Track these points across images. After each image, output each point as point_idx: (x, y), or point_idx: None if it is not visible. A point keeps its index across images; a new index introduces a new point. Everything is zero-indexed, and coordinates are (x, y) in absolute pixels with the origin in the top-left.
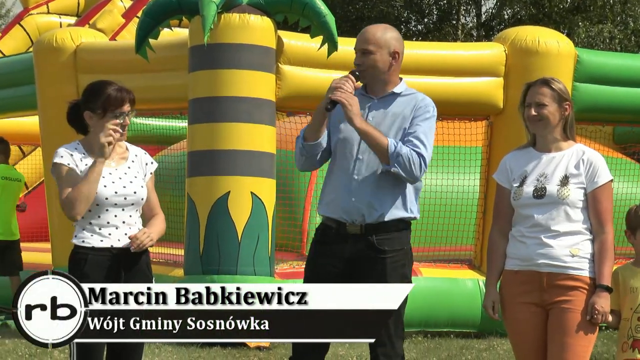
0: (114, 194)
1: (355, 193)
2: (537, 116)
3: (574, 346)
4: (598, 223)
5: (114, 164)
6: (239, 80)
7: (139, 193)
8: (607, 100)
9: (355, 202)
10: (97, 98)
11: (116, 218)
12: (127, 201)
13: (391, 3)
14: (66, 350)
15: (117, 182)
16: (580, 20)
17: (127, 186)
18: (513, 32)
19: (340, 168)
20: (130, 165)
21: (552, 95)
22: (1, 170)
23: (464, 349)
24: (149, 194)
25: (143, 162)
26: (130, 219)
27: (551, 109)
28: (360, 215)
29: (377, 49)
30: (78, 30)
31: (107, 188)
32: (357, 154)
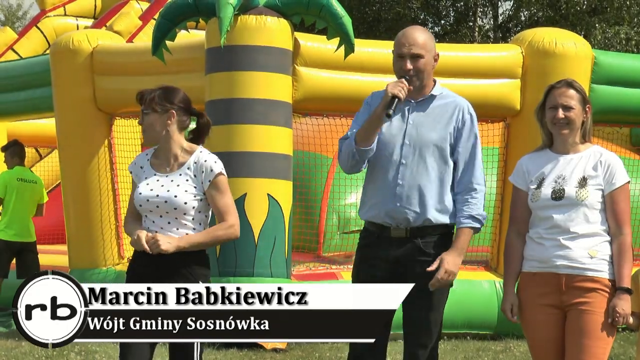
0: (145, 201)
1: (400, 198)
2: (565, 119)
3: (593, 348)
4: (616, 225)
5: (170, 170)
6: (256, 82)
7: (177, 200)
8: (624, 102)
9: (400, 207)
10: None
11: (154, 224)
12: (160, 209)
13: (408, 5)
14: (82, 351)
15: (155, 189)
16: (597, 22)
17: (162, 193)
18: (530, 34)
19: (384, 172)
20: (182, 173)
21: (578, 98)
22: (16, 172)
23: (481, 350)
24: (214, 200)
25: (200, 169)
26: (168, 225)
27: (577, 112)
28: (405, 220)
29: (425, 53)
30: (95, 32)
31: (141, 195)
32: (400, 159)
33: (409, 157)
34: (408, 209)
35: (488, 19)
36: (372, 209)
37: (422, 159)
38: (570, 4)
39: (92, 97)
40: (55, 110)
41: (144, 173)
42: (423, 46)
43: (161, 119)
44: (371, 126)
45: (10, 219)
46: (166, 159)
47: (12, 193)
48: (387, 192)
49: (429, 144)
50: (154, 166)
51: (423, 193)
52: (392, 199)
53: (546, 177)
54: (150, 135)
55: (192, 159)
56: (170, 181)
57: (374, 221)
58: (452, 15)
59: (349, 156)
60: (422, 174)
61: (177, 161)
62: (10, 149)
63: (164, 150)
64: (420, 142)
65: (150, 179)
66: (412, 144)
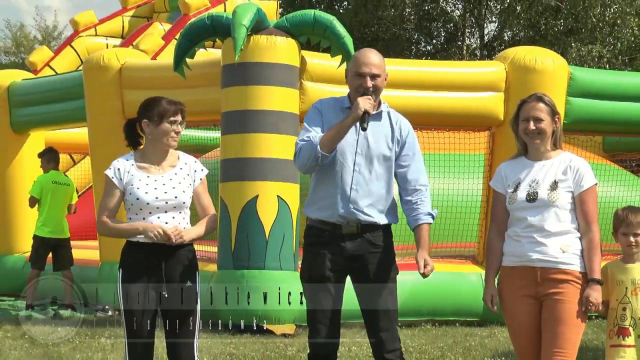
0: (154, 199)
1: (354, 202)
2: (536, 130)
3: (566, 333)
4: (585, 223)
5: (162, 170)
6: (267, 95)
7: (180, 197)
8: (597, 113)
9: (354, 210)
10: (154, 107)
11: (159, 219)
12: (168, 205)
13: (403, 26)
14: (112, 336)
15: (159, 188)
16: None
17: (168, 191)
18: (512, 52)
19: (338, 177)
20: (177, 172)
21: (547, 110)
22: (52, 175)
23: (468, 335)
24: (201, 197)
25: (192, 169)
26: (173, 220)
27: (547, 123)
28: (357, 220)
29: (382, 73)
30: (123, 50)
31: (148, 194)
32: (354, 166)
33: (361, 165)
34: (360, 212)
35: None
36: (325, 209)
37: (373, 167)
38: (548, 25)
39: (120, 108)
40: (88, 120)
41: (133, 177)
42: (379, 67)
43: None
44: (338, 135)
45: (46, 218)
46: (157, 161)
47: (47, 194)
48: (341, 195)
49: (379, 154)
50: (142, 169)
51: (373, 199)
52: (346, 203)
53: (521, 182)
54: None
55: (180, 161)
56: (169, 180)
57: (327, 220)
58: (442, 35)
59: (309, 159)
60: (373, 181)
61: (167, 163)
62: (46, 155)
63: (157, 153)
64: (371, 152)
65: (145, 180)
66: (364, 153)
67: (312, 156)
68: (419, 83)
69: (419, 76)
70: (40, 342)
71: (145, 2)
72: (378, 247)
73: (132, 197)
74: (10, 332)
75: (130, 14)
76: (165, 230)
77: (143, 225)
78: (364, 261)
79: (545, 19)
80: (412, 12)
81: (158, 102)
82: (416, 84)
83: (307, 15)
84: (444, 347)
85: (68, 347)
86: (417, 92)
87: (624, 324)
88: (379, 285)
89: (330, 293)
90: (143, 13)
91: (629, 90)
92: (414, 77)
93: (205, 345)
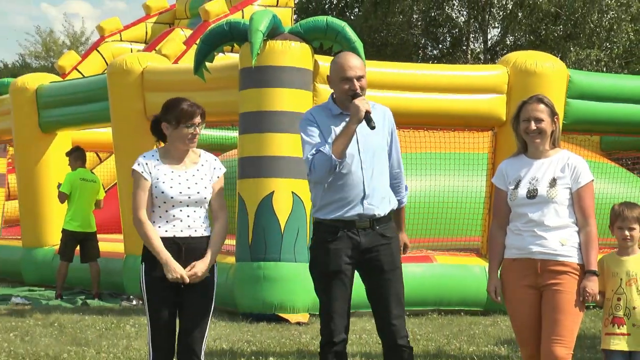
0: (178, 193)
1: (368, 198)
2: (537, 129)
3: (564, 321)
4: (583, 217)
5: (185, 167)
6: (282, 97)
7: (202, 193)
8: (595, 114)
9: (369, 206)
10: (172, 111)
11: (181, 212)
12: (190, 199)
13: (411, 31)
14: (136, 324)
15: (183, 184)
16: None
17: (191, 187)
18: (514, 56)
19: (349, 176)
20: (199, 169)
21: (547, 111)
22: (79, 173)
23: (472, 324)
24: (214, 196)
25: (212, 167)
26: (194, 214)
27: (547, 123)
28: (372, 215)
29: (364, 74)
30: (145, 55)
31: (172, 189)
32: (361, 164)
33: (367, 162)
34: (374, 206)
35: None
36: (339, 209)
37: (375, 160)
38: (548, 30)
39: (142, 109)
40: (112, 120)
41: (159, 171)
42: (362, 68)
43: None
44: (348, 141)
45: (74, 213)
46: (179, 158)
47: (75, 191)
48: (356, 194)
49: (378, 147)
50: (166, 165)
51: (381, 191)
52: (361, 200)
53: (522, 179)
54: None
55: (201, 159)
56: (192, 176)
57: (343, 218)
58: (448, 40)
59: (326, 169)
60: (379, 174)
61: (189, 160)
62: (74, 153)
63: (178, 151)
64: (373, 147)
65: (170, 175)
66: (367, 150)
67: (329, 166)
68: (425, 86)
69: (426, 79)
70: (69, 330)
71: (167, 10)
72: (388, 238)
73: (157, 191)
74: (40, 320)
75: (153, 20)
76: (183, 275)
77: (166, 260)
78: (376, 253)
79: (545, 24)
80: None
81: (176, 106)
82: (423, 87)
83: (320, 21)
84: (449, 335)
85: (95, 334)
86: (424, 94)
87: (619, 313)
88: (390, 275)
89: (345, 286)
90: (165, 20)
91: (625, 92)
92: (420, 80)
93: (224, 333)
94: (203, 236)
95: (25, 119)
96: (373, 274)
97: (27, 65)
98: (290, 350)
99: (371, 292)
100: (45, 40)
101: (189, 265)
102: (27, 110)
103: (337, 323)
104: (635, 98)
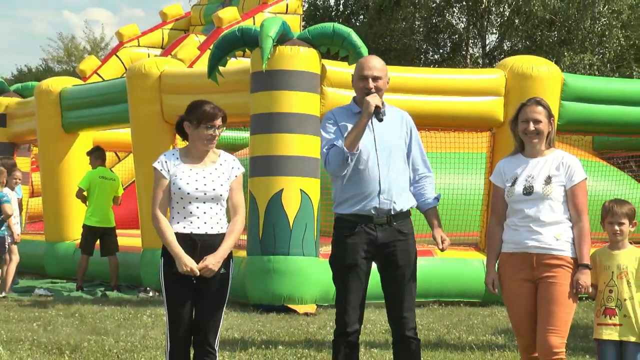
0: (195, 189)
1: (384, 192)
2: (535, 130)
3: (559, 312)
4: (576, 213)
5: (204, 165)
6: (291, 99)
7: (218, 190)
8: (588, 115)
9: (385, 201)
10: (195, 112)
11: (198, 209)
12: (206, 196)
13: (413, 37)
14: (153, 314)
15: (199, 180)
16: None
17: (207, 184)
18: (511, 61)
19: (365, 172)
20: (217, 167)
21: (544, 113)
22: (99, 171)
23: (471, 315)
24: (233, 193)
25: (230, 166)
26: (211, 210)
27: (544, 124)
28: (387, 210)
29: (383, 76)
30: (162, 59)
31: (189, 185)
32: (377, 160)
33: (383, 159)
34: (391, 202)
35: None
36: (357, 204)
37: (392, 159)
38: (543, 36)
39: (159, 111)
40: (131, 122)
41: (177, 168)
42: (380, 70)
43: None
44: (359, 133)
45: (94, 209)
46: (199, 157)
47: (95, 188)
48: (372, 190)
49: (395, 146)
50: (186, 163)
51: (398, 187)
52: (377, 195)
53: (519, 177)
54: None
55: (220, 158)
56: (210, 174)
57: (360, 213)
58: (448, 45)
59: (340, 162)
60: (395, 172)
61: (208, 159)
62: (94, 153)
63: (198, 151)
64: (389, 146)
65: (188, 172)
66: (383, 148)
67: (342, 158)
68: (427, 89)
69: (427, 82)
70: (89, 320)
71: (182, 17)
72: (405, 234)
73: (175, 187)
74: (62, 310)
75: (169, 27)
76: (193, 269)
77: (177, 253)
78: (392, 248)
79: (540, 30)
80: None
81: (199, 107)
82: (425, 90)
83: (327, 27)
84: (449, 324)
85: (113, 324)
86: (426, 96)
87: (610, 305)
88: (405, 269)
89: (360, 279)
90: (181, 26)
91: (616, 94)
92: (422, 84)
93: (236, 323)
94: (219, 233)
95: (49, 120)
96: (389, 268)
97: (50, 69)
98: (298, 339)
99: (386, 285)
100: (67, 46)
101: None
102: (51, 111)
103: (350, 315)
104: (626, 100)
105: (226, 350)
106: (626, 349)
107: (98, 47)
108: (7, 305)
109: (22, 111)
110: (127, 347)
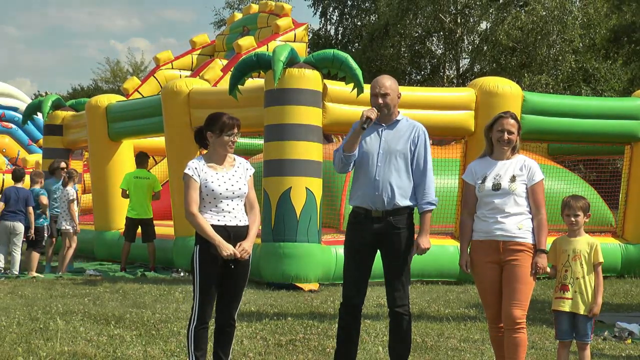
0: (225, 190)
1: (377, 188)
2: (508, 140)
3: (521, 289)
4: (536, 207)
5: (225, 169)
6: (298, 112)
7: (242, 189)
8: (544, 126)
9: (378, 195)
10: (216, 123)
11: (228, 206)
12: (234, 194)
13: (399, 61)
14: (183, 291)
15: (227, 182)
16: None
17: (234, 184)
18: (480, 81)
19: (366, 172)
20: (236, 170)
21: (516, 126)
22: (134, 172)
23: (448, 292)
24: (249, 190)
25: (244, 168)
26: (237, 206)
27: (515, 135)
28: (382, 203)
29: (391, 92)
30: (191, 80)
31: (220, 187)
32: (377, 162)
33: (383, 161)
34: (385, 199)
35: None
36: (360, 197)
37: (392, 162)
38: (507, 60)
39: (189, 122)
40: (165, 131)
41: (206, 173)
42: (388, 87)
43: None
44: (353, 138)
45: (133, 204)
46: (220, 162)
47: (132, 187)
48: (370, 186)
49: (396, 152)
50: (211, 168)
51: (392, 185)
52: (372, 190)
53: (488, 175)
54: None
55: (237, 162)
56: (232, 176)
57: (361, 206)
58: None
59: (340, 161)
60: (393, 173)
61: (227, 163)
62: (138, 157)
63: (220, 156)
64: (390, 151)
65: (216, 176)
66: (384, 152)
67: (339, 158)
68: (411, 104)
69: (412, 99)
70: (131, 295)
71: (209, 44)
72: (399, 228)
73: (208, 189)
74: (108, 288)
75: (197, 52)
76: (235, 252)
77: (219, 241)
78: (388, 239)
79: (504, 56)
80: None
81: (219, 118)
82: (410, 104)
83: (328, 53)
84: (429, 300)
85: (151, 299)
86: (411, 110)
87: (566, 282)
88: (397, 258)
89: (362, 259)
90: (207, 52)
91: (568, 109)
92: (408, 100)
93: (252, 298)
94: (246, 225)
95: (98, 130)
96: (387, 255)
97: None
98: (304, 312)
99: (385, 268)
100: (113, 69)
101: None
102: (99, 123)
103: (350, 289)
104: (576, 114)
105: (244, 321)
106: (577, 320)
107: (138, 69)
108: (62, 283)
109: (76, 123)
110: (162, 318)
